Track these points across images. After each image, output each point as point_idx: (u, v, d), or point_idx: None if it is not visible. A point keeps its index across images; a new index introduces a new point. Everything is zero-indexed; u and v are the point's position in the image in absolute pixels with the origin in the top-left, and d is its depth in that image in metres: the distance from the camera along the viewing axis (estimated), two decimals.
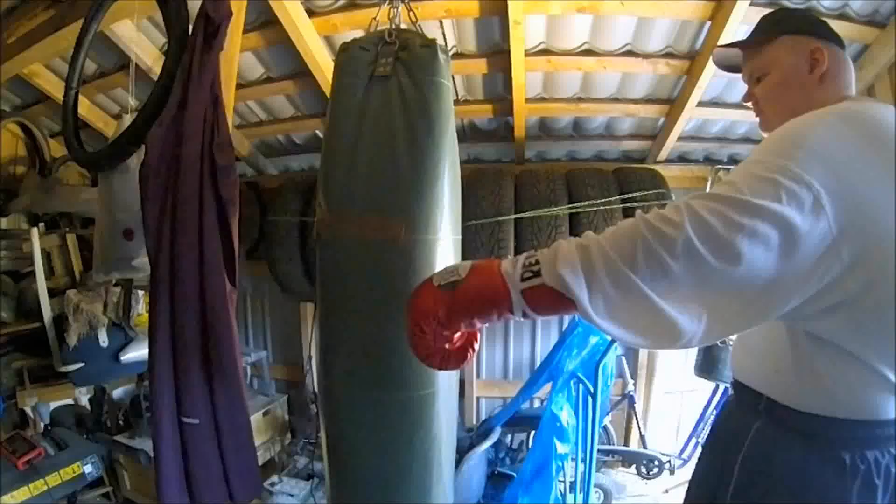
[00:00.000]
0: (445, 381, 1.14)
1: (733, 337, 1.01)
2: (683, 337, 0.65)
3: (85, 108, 2.83)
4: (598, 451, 2.39)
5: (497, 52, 2.44)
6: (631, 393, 2.84)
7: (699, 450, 2.62)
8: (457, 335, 0.74)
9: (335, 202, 1.11)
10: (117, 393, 2.86)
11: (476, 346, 0.79)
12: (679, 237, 0.60)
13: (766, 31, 0.91)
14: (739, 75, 0.97)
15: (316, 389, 3.31)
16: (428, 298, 0.71)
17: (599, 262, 0.63)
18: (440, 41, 2.39)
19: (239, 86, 2.61)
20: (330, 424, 1.19)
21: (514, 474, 2.31)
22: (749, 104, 0.95)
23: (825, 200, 0.62)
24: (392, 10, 1.24)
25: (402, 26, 1.23)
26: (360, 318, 1.10)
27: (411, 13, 1.23)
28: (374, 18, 1.27)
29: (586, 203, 2.49)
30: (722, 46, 0.98)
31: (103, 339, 2.58)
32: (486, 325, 0.72)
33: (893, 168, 0.67)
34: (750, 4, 1.91)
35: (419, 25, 1.25)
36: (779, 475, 0.79)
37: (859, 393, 0.74)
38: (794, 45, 0.86)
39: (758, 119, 0.95)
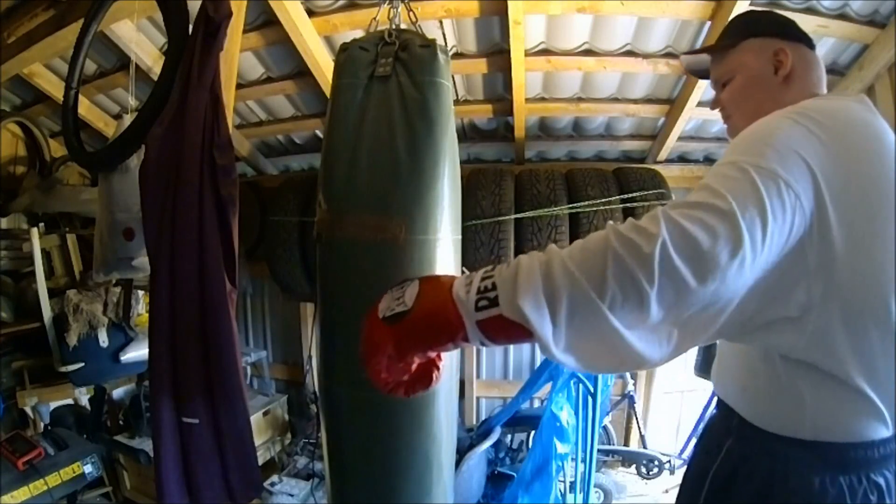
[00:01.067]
0: (445, 381, 1.14)
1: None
2: (649, 364, 0.62)
3: (85, 108, 2.82)
4: (598, 451, 2.39)
5: (497, 52, 2.44)
6: (631, 393, 2.84)
7: None
8: (414, 364, 0.67)
9: (335, 202, 1.11)
10: (117, 393, 2.86)
11: (441, 367, 0.69)
12: (655, 252, 0.53)
13: (731, 36, 0.90)
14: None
15: (316, 389, 3.32)
16: (374, 333, 0.64)
17: (564, 289, 0.55)
18: (440, 41, 2.40)
19: (239, 86, 2.61)
20: (330, 424, 1.19)
21: (515, 474, 2.31)
22: (717, 111, 0.94)
23: (803, 198, 0.61)
24: (392, 10, 1.24)
25: (402, 26, 1.23)
26: (360, 318, 1.10)
27: (411, 13, 1.23)
28: (374, 18, 1.27)
29: (586, 203, 2.49)
30: (688, 53, 0.98)
31: (103, 339, 2.58)
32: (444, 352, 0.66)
33: (858, 164, 0.66)
34: (750, 4, 1.91)
35: (419, 25, 1.25)
36: (743, 496, 0.75)
37: (829, 413, 0.69)
38: (760, 47, 0.85)
39: (726, 126, 0.93)
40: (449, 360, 1.09)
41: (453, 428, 1.23)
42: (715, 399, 0.92)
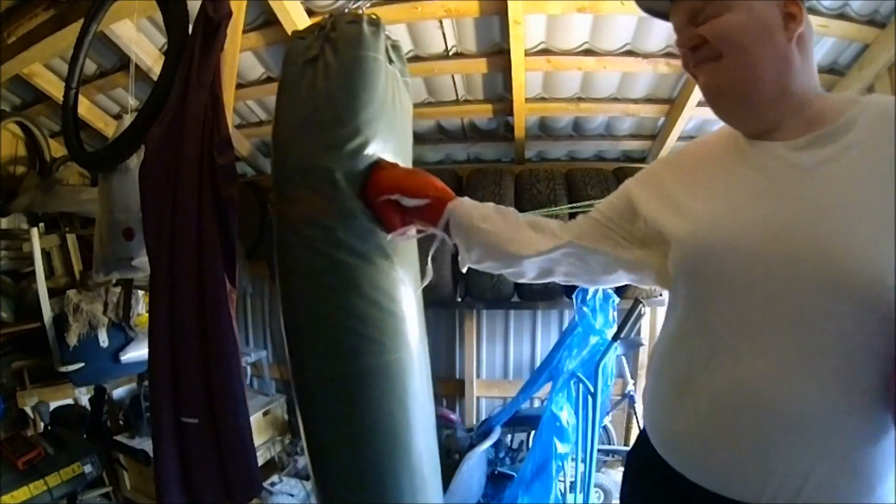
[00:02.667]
0: (419, 351, 1.14)
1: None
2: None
3: (85, 108, 2.82)
4: (599, 450, 2.39)
5: (497, 52, 2.44)
6: (631, 393, 2.83)
7: None
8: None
9: (277, 182, 1.13)
10: (117, 393, 2.86)
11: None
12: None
13: None
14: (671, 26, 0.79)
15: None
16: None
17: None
18: (439, 40, 2.41)
19: (239, 86, 2.61)
20: (302, 407, 1.18)
21: (515, 474, 2.31)
22: (682, 49, 0.74)
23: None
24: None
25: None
26: (309, 293, 1.10)
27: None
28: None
29: (586, 203, 2.49)
30: None
31: (103, 339, 2.58)
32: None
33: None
34: None
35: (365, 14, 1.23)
36: None
37: None
38: None
39: (697, 75, 0.73)
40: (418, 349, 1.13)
41: (429, 394, 1.21)
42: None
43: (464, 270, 1.04)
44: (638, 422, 2.84)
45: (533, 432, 2.41)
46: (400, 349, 1.10)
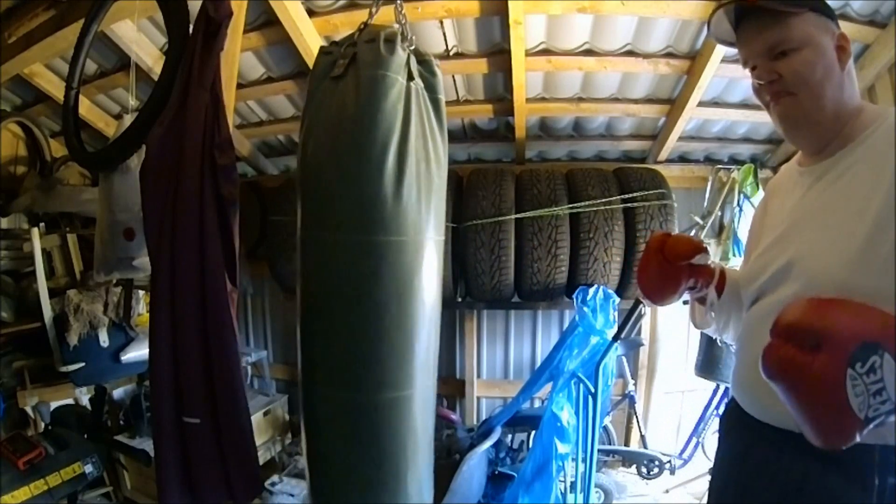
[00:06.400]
0: (424, 382, 1.14)
1: (732, 339, 1.03)
2: None
3: (85, 108, 2.82)
4: (599, 451, 2.39)
5: (497, 52, 2.44)
6: (631, 393, 2.83)
7: (699, 450, 2.64)
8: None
9: (311, 204, 1.13)
10: (118, 393, 2.86)
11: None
12: None
13: (792, 0, 0.79)
14: (738, 66, 0.89)
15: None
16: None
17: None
18: (440, 40, 2.40)
19: (239, 86, 2.61)
20: (308, 425, 1.18)
21: (515, 474, 2.31)
22: (759, 82, 0.83)
23: None
24: (375, 8, 1.24)
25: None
26: (336, 318, 1.10)
27: (401, 14, 1.21)
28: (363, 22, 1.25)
29: (587, 203, 2.49)
30: (729, 3, 0.82)
31: (104, 339, 2.58)
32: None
33: None
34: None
35: (406, 25, 1.22)
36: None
37: None
38: (822, 25, 0.79)
39: (771, 104, 0.83)
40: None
41: (430, 430, 1.22)
42: (722, 390, 0.96)
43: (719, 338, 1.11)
44: (638, 422, 2.84)
45: (533, 432, 2.41)
46: (412, 386, 1.10)
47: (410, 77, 1.09)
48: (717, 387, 2.57)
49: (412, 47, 1.12)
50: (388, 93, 1.05)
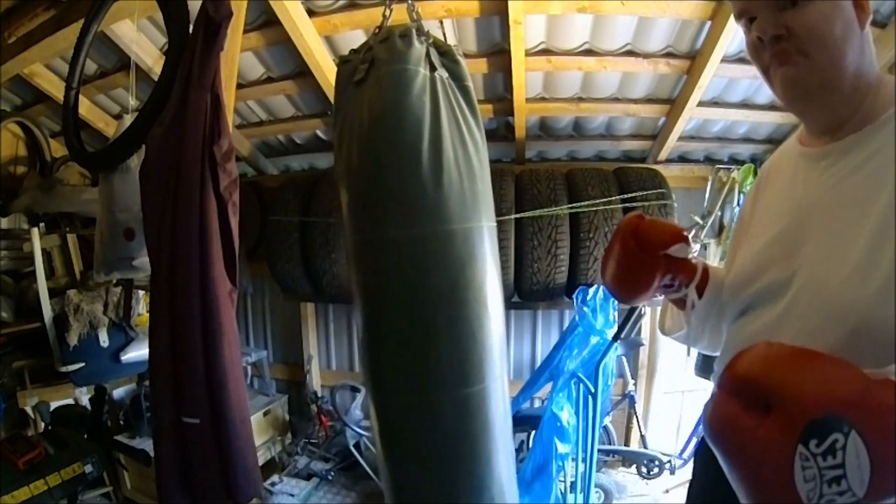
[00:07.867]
0: (498, 381, 1.11)
1: (706, 349, 0.97)
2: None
3: (85, 108, 2.83)
4: (599, 450, 2.39)
5: (497, 52, 2.44)
6: (631, 393, 2.84)
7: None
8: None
9: (364, 203, 1.11)
10: (118, 393, 2.86)
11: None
12: None
13: None
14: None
15: (318, 388, 3.31)
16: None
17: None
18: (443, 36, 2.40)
19: (239, 86, 2.61)
20: (381, 427, 1.15)
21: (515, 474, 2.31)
22: (760, 37, 0.65)
23: None
24: (387, 10, 1.24)
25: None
26: (394, 320, 1.08)
27: (414, 13, 1.21)
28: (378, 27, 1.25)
29: (587, 203, 2.49)
30: None
31: (104, 339, 2.58)
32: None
33: None
34: None
35: (421, 21, 1.23)
36: None
37: None
38: None
39: (773, 67, 0.66)
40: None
41: (508, 423, 1.20)
42: None
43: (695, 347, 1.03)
44: (638, 422, 2.84)
45: (533, 432, 2.41)
46: (486, 379, 1.08)
47: (433, 68, 1.09)
48: None
49: (430, 40, 1.12)
50: (410, 85, 1.05)
